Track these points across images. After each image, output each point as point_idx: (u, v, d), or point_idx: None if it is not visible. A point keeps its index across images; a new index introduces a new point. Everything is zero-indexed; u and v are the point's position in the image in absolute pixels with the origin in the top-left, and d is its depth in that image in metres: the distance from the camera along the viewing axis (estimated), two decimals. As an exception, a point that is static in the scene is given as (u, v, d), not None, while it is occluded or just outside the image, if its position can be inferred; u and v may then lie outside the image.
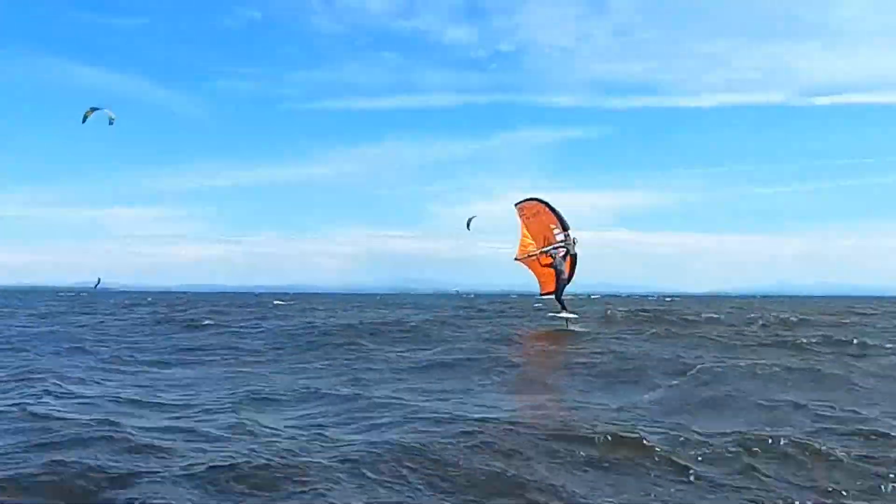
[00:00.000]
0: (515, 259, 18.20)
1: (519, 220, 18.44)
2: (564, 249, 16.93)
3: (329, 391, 7.75)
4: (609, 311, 24.53)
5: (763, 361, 9.63)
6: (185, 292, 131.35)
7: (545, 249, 17.29)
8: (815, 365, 9.69)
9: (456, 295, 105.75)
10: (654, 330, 16.02)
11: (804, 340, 13.38)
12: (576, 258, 17.03)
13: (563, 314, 17.02)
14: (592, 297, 78.10)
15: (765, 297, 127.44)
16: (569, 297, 17.99)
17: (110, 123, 14.98)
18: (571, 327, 16.80)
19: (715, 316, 23.62)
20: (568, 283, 17.21)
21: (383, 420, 6.08)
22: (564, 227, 16.98)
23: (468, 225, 25.43)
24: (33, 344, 13.12)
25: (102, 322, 21.61)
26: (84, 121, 14.81)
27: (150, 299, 56.76)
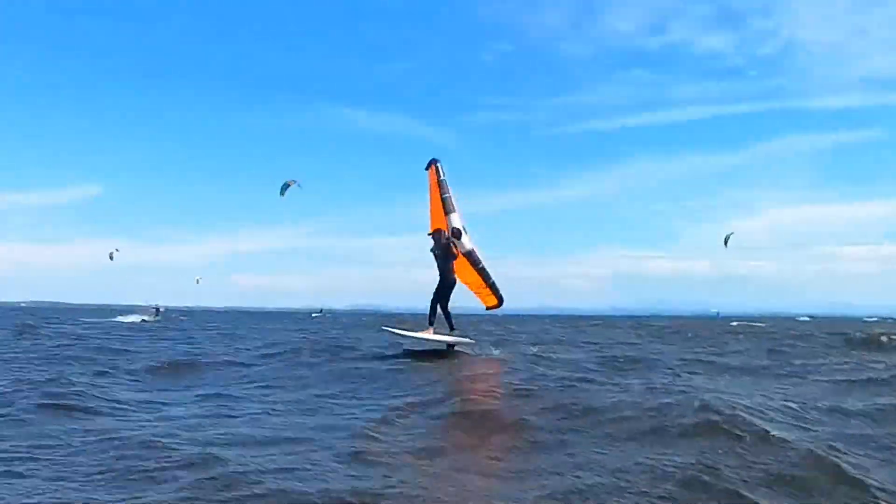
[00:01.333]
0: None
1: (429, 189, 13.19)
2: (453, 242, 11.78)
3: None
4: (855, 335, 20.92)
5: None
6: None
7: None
8: None
9: (715, 316, 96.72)
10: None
11: None
12: (472, 256, 12.34)
13: (426, 335, 11.48)
14: (867, 319, 66.63)
15: None
16: (836, 320, 12.93)
17: (300, 187, 16.56)
18: (467, 350, 12.03)
19: None
20: (500, 303, 13.16)
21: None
22: (446, 210, 12.13)
23: (726, 242, 24.07)
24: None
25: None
26: (282, 193, 16.14)
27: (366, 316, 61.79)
